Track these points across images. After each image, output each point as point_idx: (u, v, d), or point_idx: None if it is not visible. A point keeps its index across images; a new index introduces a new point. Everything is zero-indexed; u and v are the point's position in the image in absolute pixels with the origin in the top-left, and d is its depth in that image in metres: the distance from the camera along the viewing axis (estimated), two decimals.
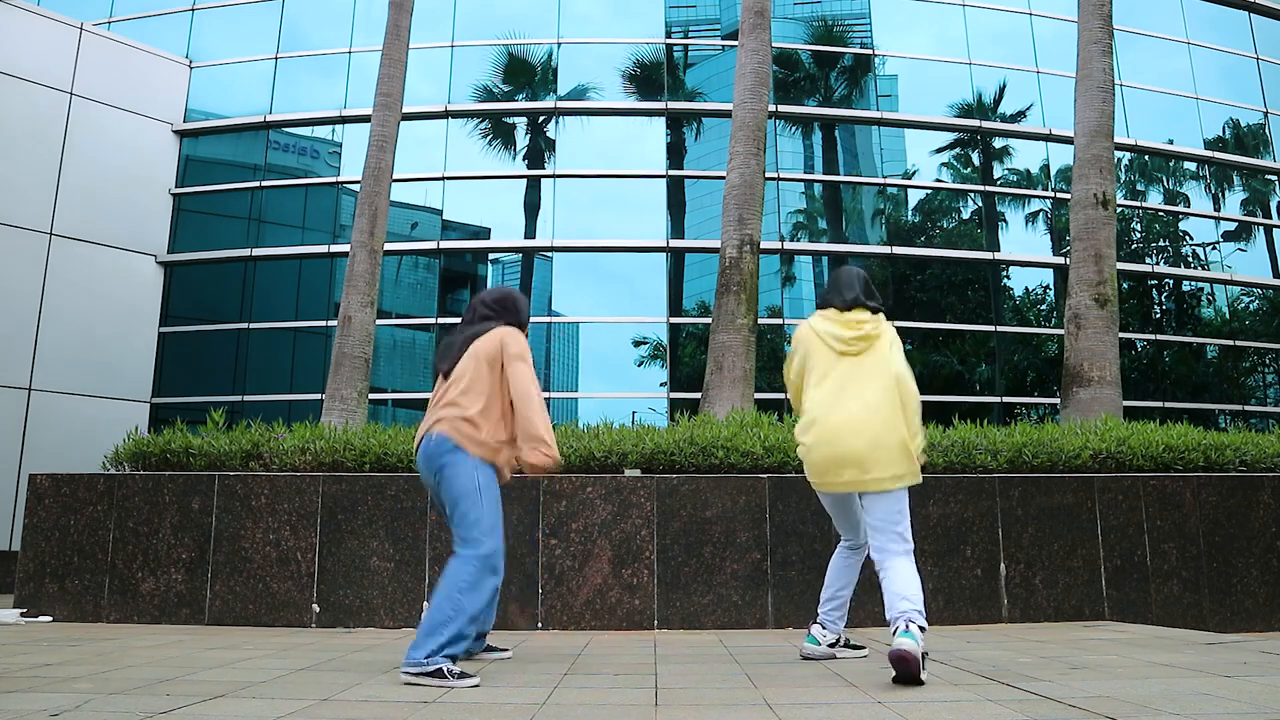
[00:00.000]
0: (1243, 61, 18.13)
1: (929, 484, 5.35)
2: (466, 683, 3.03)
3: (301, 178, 16.44)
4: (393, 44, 9.11)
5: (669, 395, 14.87)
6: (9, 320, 13.31)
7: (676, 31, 16.81)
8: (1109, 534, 5.41)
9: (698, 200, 15.92)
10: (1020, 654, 3.80)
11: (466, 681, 3.03)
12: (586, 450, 5.63)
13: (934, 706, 2.64)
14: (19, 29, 14.10)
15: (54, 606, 5.37)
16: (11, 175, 13.65)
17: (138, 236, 15.21)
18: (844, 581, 3.72)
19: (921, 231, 16.99)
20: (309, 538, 5.28)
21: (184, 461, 5.90)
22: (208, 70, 16.67)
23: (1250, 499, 5.63)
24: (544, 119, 16.27)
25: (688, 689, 3.00)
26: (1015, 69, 16.79)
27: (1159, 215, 17.67)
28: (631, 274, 15.64)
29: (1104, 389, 7.46)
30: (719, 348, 7.62)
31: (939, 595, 5.20)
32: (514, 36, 16.37)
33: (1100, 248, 7.82)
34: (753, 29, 8.38)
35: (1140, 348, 16.69)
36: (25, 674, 3.26)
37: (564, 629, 5.09)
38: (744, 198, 7.98)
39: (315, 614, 5.21)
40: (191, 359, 15.59)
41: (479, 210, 16.27)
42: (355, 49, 16.24)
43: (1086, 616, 5.26)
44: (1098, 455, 5.76)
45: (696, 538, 5.22)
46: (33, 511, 5.52)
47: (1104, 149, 8.07)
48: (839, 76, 17.10)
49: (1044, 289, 16.78)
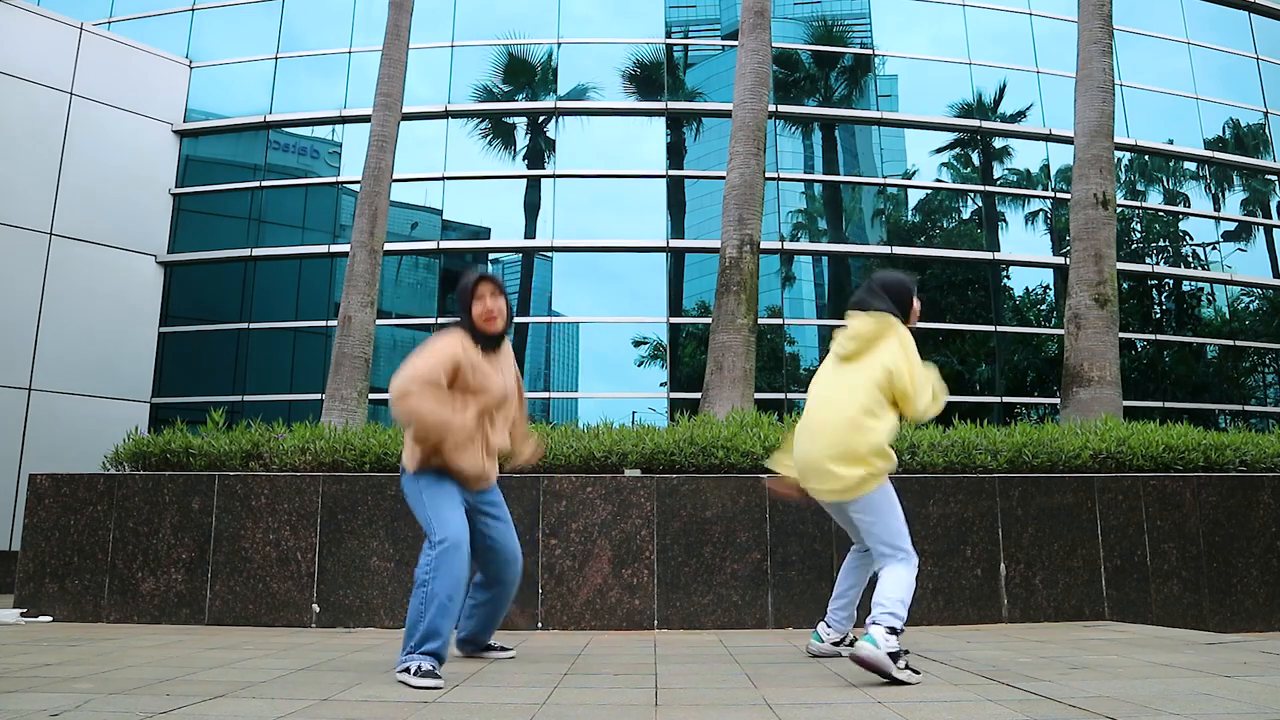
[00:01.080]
0: (1243, 61, 18.13)
1: (929, 484, 5.36)
2: (425, 682, 3.00)
3: (301, 178, 16.44)
4: (393, 44, 9.11)
5: (669, 395, 14.87)
6: (9, 320, 13.31)
7: (676, 31, 16.82)
8: (1109, 534, 5.41)
9: (698, 200, 15.92)
10: (1020, 654, 3.80)
11: (426, 681, 3.01)
12: (586, 450, 5.63)
13: (934, 706, 2.64)
14: (19, 29, 14.11)
15: (54, 606, 5.37)
16: (11, 175, 13.65)
17: (138, 236, 15.21)
18: (851, 581, 3.70)
19: (921, 231, 16.99)
20: (309, 538, 5.27)
21: (184, 461, 5.90)
22: (208, 70, 16.68)
23: (1250, 499, 5.63)
24: (544, 119, 16.27)
25: (688, 689, 3.00)
26: (1015, 69, 16.79)
27: (1159, 215, 17.67)
28: (631, 274, 15.65)
29: (1104, 389, 7.46)
30: (719, 348, 7.62)
31: (939, 595, 5.20)
32: (514, 36, 16.38)
33: (1100, 248, 7.82)
34: (753, 29, 8.38)
35: (1140, 348, 16.70)
36: (25, 674, 3.26)
37: (564, 629, 5.09)
38: (744, 198, 7.98)
39: (315, 614, 5.21)
40: (191, 359, 15.60)
41: (479, 210, 16.28)
42: (355, 49, 16.25)
43: (1086, 616, 5.26)
44: (1098, 455, 5.76)
45: (696, 538, 5.22)
46: (33, 511, 5.52)
47: (1104, 149, 8.07)
48: (839, 76, 17.10)
49: (1044, 289, 16.79)
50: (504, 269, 16.25)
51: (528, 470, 5.54)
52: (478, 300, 3.40)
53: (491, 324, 3.41)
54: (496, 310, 3.42)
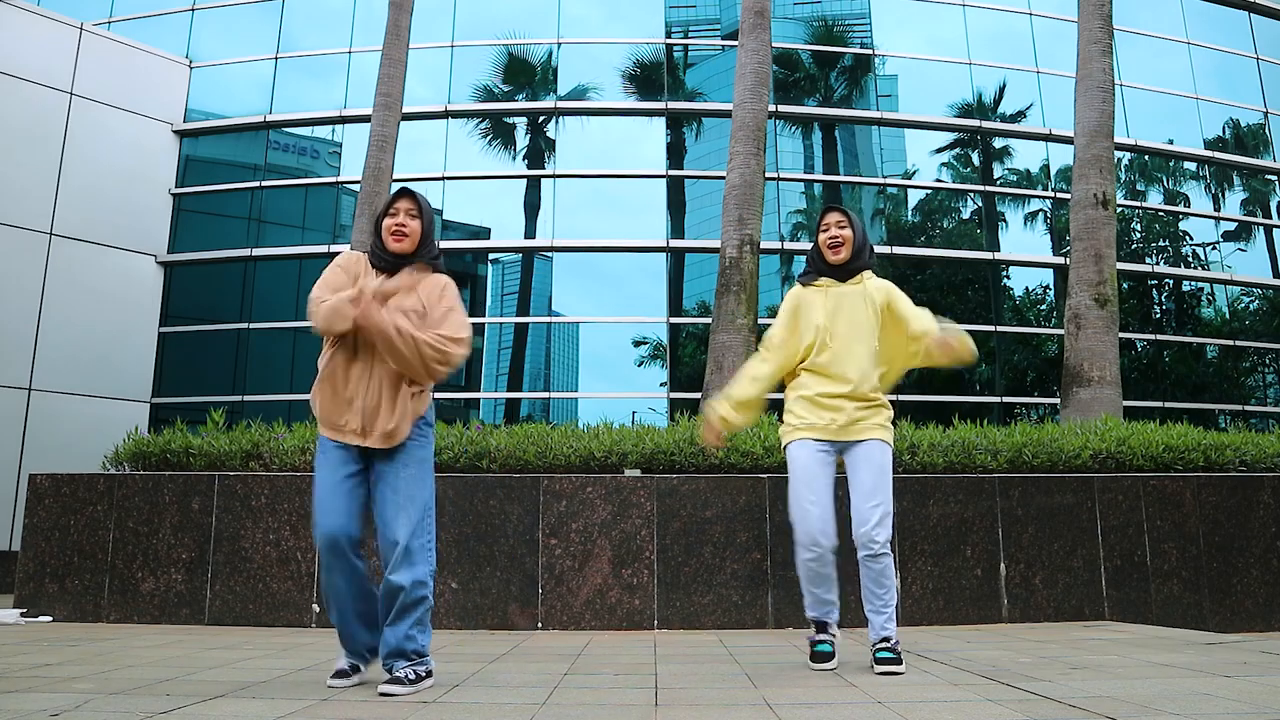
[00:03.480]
0: (1243, 61, 18.13)
1: (929, 484, 5.36)
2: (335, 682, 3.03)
3: (301, 178, 16.44)
4: (393, 44, 9.11)
5: (669, 395, 14.87)
6: (9, 320, 13.30)
7: (676, 31, 16.82)
8: (1109, 534, 5.41)
9: (698, 200, 15.92)
10: (1020, 654, 3.80)
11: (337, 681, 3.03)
12: (586, 450, 5.63)
13: (934, 706, 2.64)
14: (19, 29, 14.10)
15: (54, 606, 5.37)
16: (11, 175, 13.64)
17: (138, 236, 15.21)
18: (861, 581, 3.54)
19: (921, 231, 16.99)
20: (309, 538, 5.27)
21: (184, 461, 5.90)
22: (208, 70, 16.67)
23: (1250, 499, 5.63)
24: (544, 119, 16.27)
25: (688, 689, 3.00)
26: (1015, 69, 16.79)
27: (1159, 215, 17.67)
28: (631, 274, 15.65)
29: (1104, 389, 7.47)
30: (719, 348, 7.62)
31: (939, 595, 5.20)
32: (514, 36, 16.37)
33: (1100, 248, 7.82)
34: (753, 29, 8.38)
35: (1140, 348, 16.69)
36: (25, 674, 3.26)
37: (564, 629, 5.09)
38: (744, 198, 7.98)
39: (315, 614, 5.21)
40: (191, 359, 15.59)
41: (479, 210, 16.28)
42: (355, 49, 16.25)
43: (1086, 616, 5.26)
44: (1098, 455, 5.76)
45: (696, 538, 5.22)
46: (33, 511, 5.52)
47: (1104, 149, 8.07)
48: (839, 76, 17.10)
49: (1044, 289, 16.79)
50: (504, 269, 16.25)
51: (527, 470, 5.55)
52: (390, 215, 3.11)
53: (398, 240, 3.08)
54: (410, 230, 3.08)
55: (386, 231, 3.10)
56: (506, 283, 16.15)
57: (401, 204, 3.12)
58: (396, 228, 3.08)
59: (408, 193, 3.16)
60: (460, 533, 5.22)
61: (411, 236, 3.09)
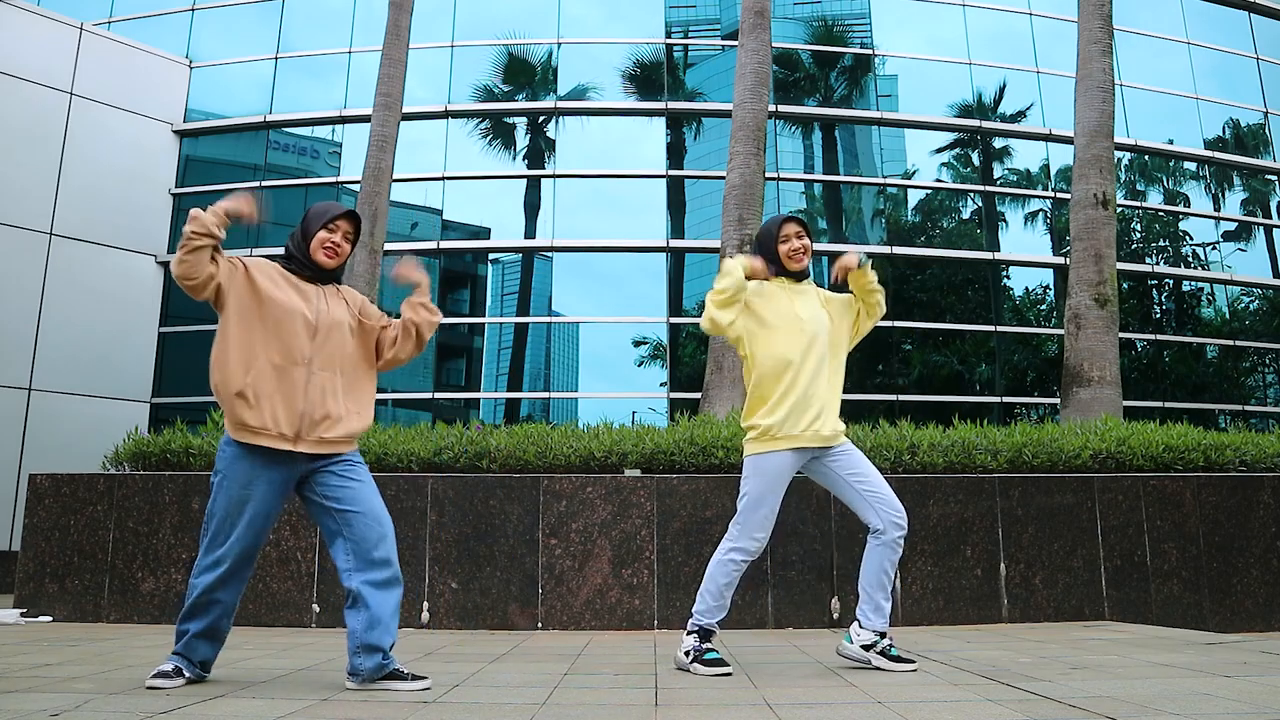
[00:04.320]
0: (1242, 61, 18.13)
1: (929, 484, 5.36)
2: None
3: (301, 178, 16.44)
4: (393, 44, 9.11)
5: (669, 395, 14.87)
6: (9, 320, 13.30)
7: (676, 31, 16.82)
8: (1109, 534, 5.42)
9: (698, 200, 15.92)
10: (1020, 654, 3.80)
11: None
12: (586, 450, 5.63)
13: (934, 706, 2.64)
14: (19, 29, 14.10)
15: (54, 606, 5.37)
16: (11, 175, 13.64)
17: (138, 236, 15.21)
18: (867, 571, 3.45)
19: (921, 231, 17.00)
20: (309, 538, 5.27)
21: (184, 461, 5.89)
22: (208, 70, 16.67)
23: (1250, 499, 5.63)
24: (544, 119, 16.27)
25: (688, 689, 3.00)
26: (1015, 69, 16.80)
27: (1159, 215, 17.67)
28: (631, 274, 15.65)
29: (1104, 389, 7.47)
30: (719, 348, 7.62)
31: (939, 595, 5.21)
32: (513, 37, 16.37)
33: (1100, 248, 7.82)
34: (753, 29, 8.38)
35: (1140, 348, 16.69)
36: (25, 674, 3.26)
37: (564, 629, 5.09)
38: (744, 198, 7.98)
39: (315, 614, 5.21)
40: (191, 359, 15.57)
41: (479, 210, 16.28)
42: (355, 49, 16.25)
43: (1086, 616, 5.26)
44: (1098, 455, 5.76)
45: (696, 538, 5.22)
46: (33, 511, 5.52)
47: (1104, 149, 8.08)
48: (839, 76, 17.10)
49: (1044, 289, 16.79)
50: (504, 269, 16.25)
51: (527, 470, 5.55)
52: (329, 230, 3.05)
53: (329, 256, 3.06)
54: (342, 252, 3.07)
55: (319, 244, 3.06)
56: (506, 283, 16.15)
57: (344, 224, 3.10)
58: (333, 245, 3.07)
59: (353, 215, 3.14)
60: (460, 533, 5.22)
61: (341, 258, 3.11)
